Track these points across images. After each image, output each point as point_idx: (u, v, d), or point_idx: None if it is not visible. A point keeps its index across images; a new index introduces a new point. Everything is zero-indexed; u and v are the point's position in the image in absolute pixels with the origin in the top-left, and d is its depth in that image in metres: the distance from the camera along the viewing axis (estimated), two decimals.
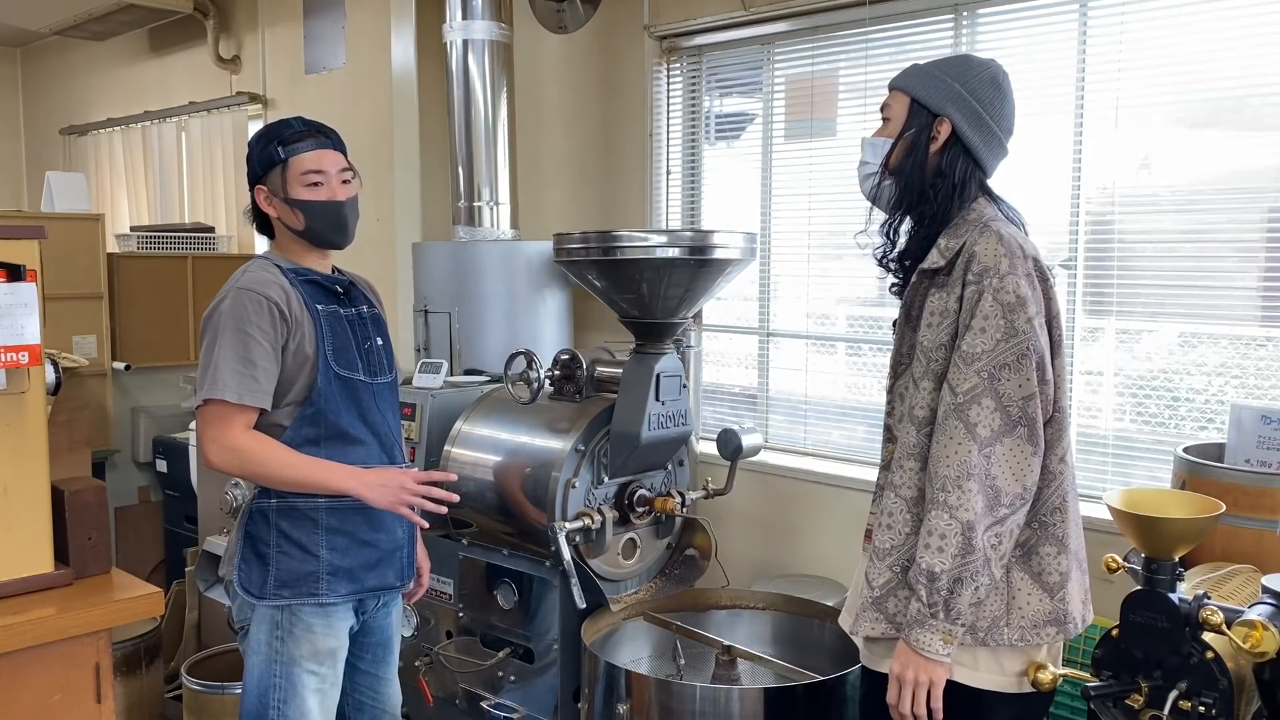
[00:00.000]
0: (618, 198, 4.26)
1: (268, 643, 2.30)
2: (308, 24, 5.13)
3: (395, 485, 2.25)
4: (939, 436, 1.86)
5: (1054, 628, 1.90)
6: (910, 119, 2.01)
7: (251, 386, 2.21)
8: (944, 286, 1.93)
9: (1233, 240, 2.87)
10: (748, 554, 3.80)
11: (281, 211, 2.35)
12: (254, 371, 2.21)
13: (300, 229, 2.34)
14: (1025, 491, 1.85)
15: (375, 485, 2.25)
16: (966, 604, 1.83)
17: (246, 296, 2.24)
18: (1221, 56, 2.82)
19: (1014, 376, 1.84)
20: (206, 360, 2.23)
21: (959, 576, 1.81)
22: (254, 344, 2.22)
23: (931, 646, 1.83)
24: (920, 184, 1.99)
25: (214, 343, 2.23)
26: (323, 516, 2.31)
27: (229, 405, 2.20)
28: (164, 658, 3.92)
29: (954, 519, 1.81)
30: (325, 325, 2.31)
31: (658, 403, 2.82)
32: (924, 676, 1.85)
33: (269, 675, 2.31)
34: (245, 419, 2.24)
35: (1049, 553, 1.91)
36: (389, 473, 2.29)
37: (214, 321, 2.25)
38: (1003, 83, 2.01)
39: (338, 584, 2.33)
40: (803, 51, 3.75)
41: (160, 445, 4.84)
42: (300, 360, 2.28)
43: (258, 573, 2.29)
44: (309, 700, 2.32)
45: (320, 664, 2.33)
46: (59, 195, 5.27)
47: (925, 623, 1.84)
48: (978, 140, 1.98)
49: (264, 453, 2.22)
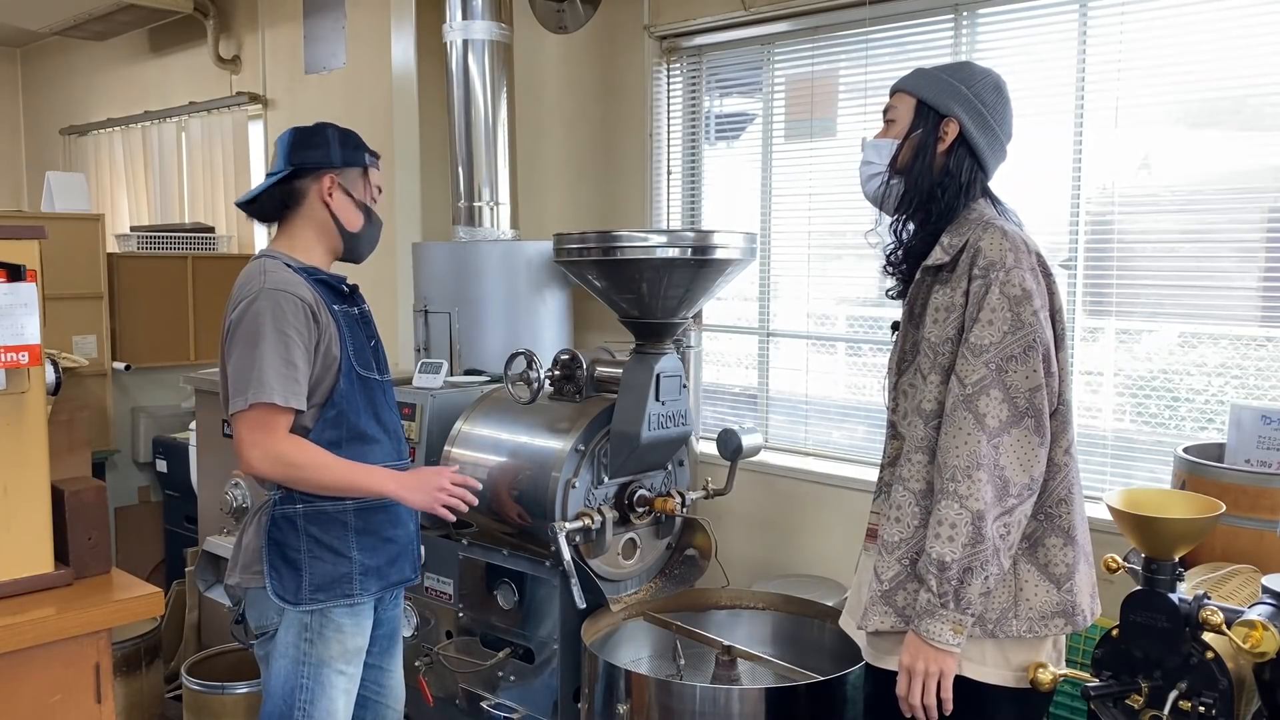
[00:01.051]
0: (618, 198, 4.26)
1: (295, 645, 2.30)
2: (308, 24, 5.14)
3: (432, 486, 2.30)
4: (948, 427, 1.88)
5: (1062, 619, 1.91)
6: (917, 120, 2.04)
7: (295, 389, 2.20)
8: (948, 283, 1.96)
9: (1233, 240, 2.87)
10: (748, 554, 3.80)
11: (344, 209, 2.36)
12: (295, 374, 2.21)
13: (356, 232, 2.39)
14: (1032, 482, 1.87)
15: (414, 488, 2.30)
16: (976, 593, 1.84)
17: (282, 298, 2.21)
18: (1221, 56, 2.82)
19: (1021, 368, 1.86)
20: (247, 362, 2.19)
21: (969, 566, 1.83)
22: (294, 345, 2.21)
23: (941, 636, 1.84)
24: (929, 184, 2.02)
25: (254, 344, 2.19)
26: (351, 518, 2.33)
27: (275, 409, 2.19)
28: (164, 658, 3.92)
29: (964, 508, 1.82)
30: (345, 325, 2.32)
31: (658, 403, 2.82)
32: (934, 667, 1.86)
33: (296, 677, 2.31)
34: (288, 423, 2.23)
35: (1055, 544, 1.92)
36: (424, 474, 2.34)
37: (250, 323, 2.21)
38: (1003, 89, 2.06)
39: (369, 582, 2.36)
40: (803, 51, 3.75)
41: (160, 445, 4.84)
42: (329, 362, 2.28)
43: (290, 579, 2.28)
44: (338, 700, 2.34)
45: (349, 663, 2.35)
46: (59, 195, 5.27)
47: (935, 613, 1.84)
48: (983, 142, 2.02)
49: (308, 460, 2.22)
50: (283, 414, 2.21)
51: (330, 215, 2.36)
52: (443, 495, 2.30)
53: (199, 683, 3.42)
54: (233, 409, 2.21)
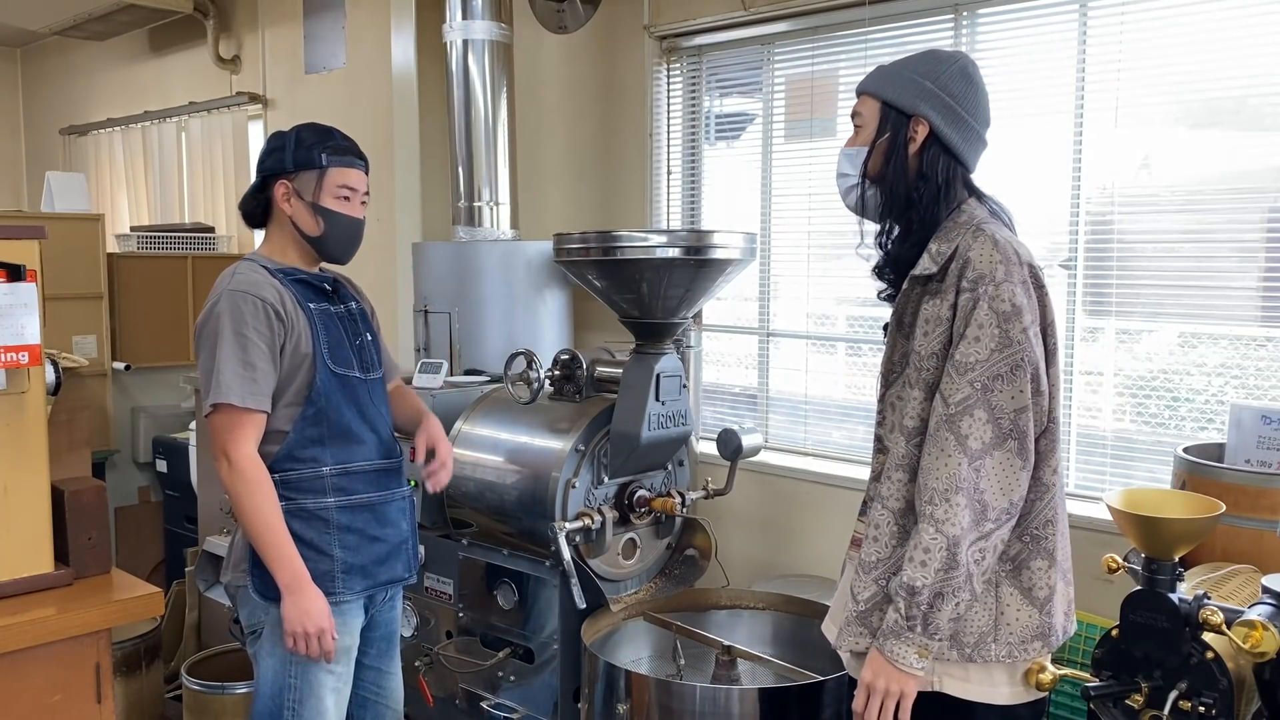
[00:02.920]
0: (618, 198, 4.26)
1: (281, 644, 2.29)
2: (308, 24, 5.13)
3: (313, 631, 2.22)
4: (930, 447, 1.82)
5: (1040, 642, 1.87)
6: (883, 123, 1.95)
7: (253, 389, 2.21)
8: (937, 293, 1.88)
9: (1233, 240, 2.87)
10: (748, 554, 3.80)
11: (300, 214, 2.35)
12: (254, 374, 2.21)
13: (316, 236, 2.35)
14: (1012, 506, 1.81)
15: (299, 610, 2.21)
16: (945, 619, 1.79)
17: (240, 299, 2.23)
18: (1221, 56, 2.82)
19: (1007, 388, 1.79)
20: (208, 366, 2.22)
21: (940, 591, 1.78)
22: (252, 346, 2.21)
23: (905, 659, 1.80)
24: (905, 189, 1.94)
25: (214, 348, 2.22)
26: (334, 515, 2.32)
27: (236, 411, 2.20)
28: (164, 658, 3.92)
29: (939, 533, 1.77)
30: (319, 323, 2.31)
31: (658, 403, 2.82)
32: (895, 687, 1.81)
33: (284, 676, 2.30)
34: (255, 427, 2.23)
35: (1040, 567, 1.88)
36: (320, 612, 2.24)
37: (210, 326, 2.24)
38: (973, 74, 1.96)
39: (352, 581, 2.34)
40: (803, 51, 3.75)
41: (160, 445, 4.84)
42: (298, 360, 2.27)
43: (270, 577, 2.27)
44: (326, 700, 2.33)
45: (336, 662, 2.34)
46: (59, 195, 5.27)
47: (902, 635, 1.80)
48: (956, 137, 1.92)
49: (254, 492, 2.20)
50: (246, 417, 2.21)
51: (291, 221, 2.36)
52: (308, 644, 2.22)
53: (199, 683, 3.42)
54: (203, 413, 2.25)
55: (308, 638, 2.22)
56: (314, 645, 2.23)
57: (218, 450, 2.23)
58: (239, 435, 2.21)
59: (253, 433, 2.23)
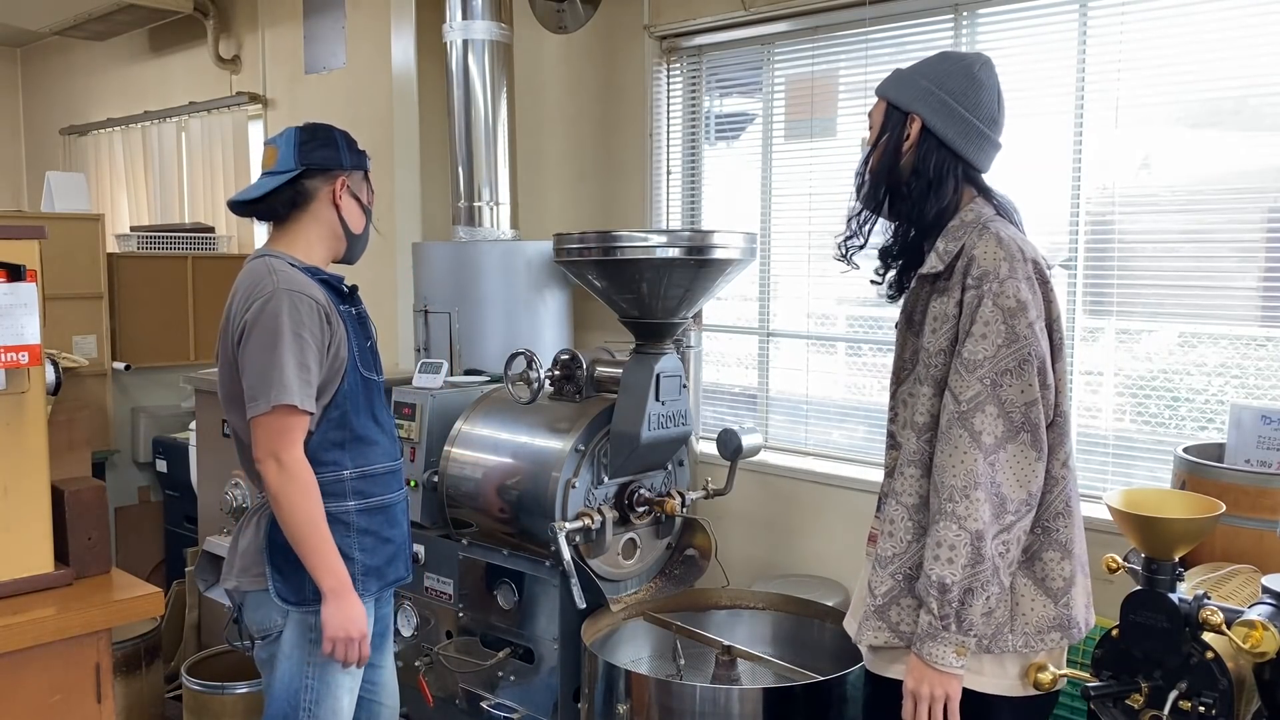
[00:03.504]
0: (618, 198, 4.26)
1: (300, 646, 2.30)
2: (308, 24, 5.13)
3: (356, 636, 2.23)
4: (943, 445, 1.85)
5: (1058, 633, 1.90)
6: (885, 122, 2.02)
7: (309, 393, 2.20)
8: (945, 291, 1.92)
9: (1233, 240, 2.87)
10: (748, 554, 3.80)
11: (350, 212, 2.38)
12: (309, 376, 2.20)
13: (357, 233, 2.41)
14: (1030, 497, 1.84)
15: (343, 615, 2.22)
16: (979, 614, 1.82)
17: (297, 299, 2.20)
18: (1221, 56, 2.82)
19: (1016, 382, 1.83)
20: (264, 363, 2.17)
21: (970, 587, 1.80)
22: (308, 348, 2.20)
23: (944, 659, 1.82)
24: (897, 184, 2.00)
25: (274, 346, 2.17)
26: (354, 519, 2.32)
27: (295, 413, 2.18)
28: (164, 658, 3.92)
29: (963, 529, 1.80)
30: (350, 326, 2.32)
31: (658, 403, 2.82)
32: (939, 690, 1.83)
33: (300, 678, 2.30)
34: (304, 430, 2.22)
35: (1053, 558, 1.90)
36: (362, 618, 2.26)
37: (268, 324, 2.18)
38: (978, 72, 1.99)
39: (370, 582, 2.35)
40: (803, 51, 3.75)
41: (160, 445, 4.84)
42: (338, 364, 2.27)
43: (294, 580, 2.27)
44: (343, 700, 2.35)
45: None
46: (59, 195, 5.27)
47: (937, 635, 1.82)
48: (950, 132, 1.96)
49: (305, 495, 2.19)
50: (301, 417, 2.20)
51: (338, 217, 2.37)
52: (347, 650, 2.24)
53: (199, 683, 3.42)
54: (254, 412, 2.18)
55: (349, 643, 2.23)
56: (353, 651, 2.24)
57: (267, 451, 2.18)
58: (294, 437, 2.19)
59: (301, 435, 2.21)
